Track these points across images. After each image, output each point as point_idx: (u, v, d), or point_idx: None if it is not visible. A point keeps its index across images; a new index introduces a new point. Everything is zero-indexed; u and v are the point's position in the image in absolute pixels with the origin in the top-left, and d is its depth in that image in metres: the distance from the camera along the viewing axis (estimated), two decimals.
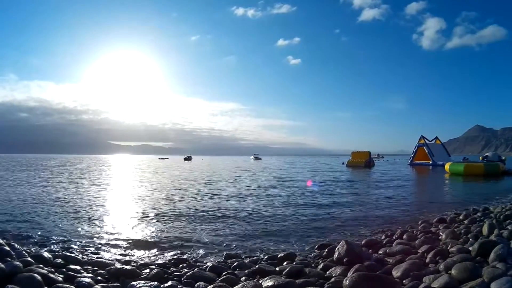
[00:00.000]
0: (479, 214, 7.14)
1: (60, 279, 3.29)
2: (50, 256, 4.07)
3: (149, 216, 7.73)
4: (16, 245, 4.88)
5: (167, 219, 7.49)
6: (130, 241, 5.61)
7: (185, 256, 4.83)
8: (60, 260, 4.02)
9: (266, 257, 4.76)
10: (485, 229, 4.98)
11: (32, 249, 4.66)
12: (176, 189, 13.92)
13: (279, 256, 4.72)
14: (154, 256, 4.85)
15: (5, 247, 3.79)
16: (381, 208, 9.33)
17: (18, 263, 3.26)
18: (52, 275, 3.27)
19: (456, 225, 6.24)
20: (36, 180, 17.87)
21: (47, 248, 4.96)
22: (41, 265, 3.54)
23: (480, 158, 31.12)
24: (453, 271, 3.16)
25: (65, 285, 3.13)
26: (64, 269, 3.64)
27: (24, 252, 3.98)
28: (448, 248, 4.26)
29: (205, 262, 4.54)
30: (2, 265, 3.08)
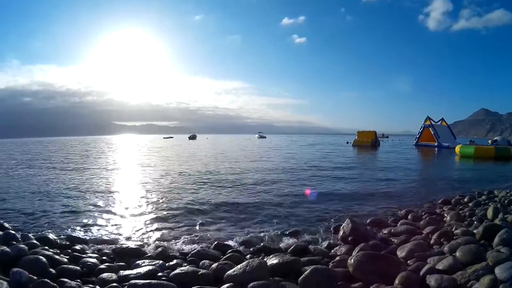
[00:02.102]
0: (483, 197, 7.07)
1: (65, 260, 3.34)
2: (55, 237, 4.13)
3: (153, 196, 7.79)
4: (22, 228, 4.96)
5: (171, 198, 7.55)
6: (135, 220, 5.68)
7: (190, 235, 4.86)
8: (65, 241, 4.08)
9: (272, 234, 4.79)
10: (489, 213, 4.94)
11: (38, 232, 4.71)
12: (180, 168, 13.91)
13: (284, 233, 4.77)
14: (159, 234, 4.89)
15: (10, 231, 3.84)
16: (387, 187, 9.34)
17: (23, 246, 3.30)
18: (57, 257, 3.31)
19: (460, 207, 6.21)
20: (39, 163, 18.02)
21: (53, 230, 5.00)
22: (46, 247, 3.59)
23: (489, 142, 30.68)
24: (457, 253, 3.15)
25: (70, 266, 3.17)
26: (70, 250, 3.70)
27: (29, 235, 4.03)
28: (453, 230, 4.25)
29: (210, 240, 4.58)
30: (8, 249, 3.11)
